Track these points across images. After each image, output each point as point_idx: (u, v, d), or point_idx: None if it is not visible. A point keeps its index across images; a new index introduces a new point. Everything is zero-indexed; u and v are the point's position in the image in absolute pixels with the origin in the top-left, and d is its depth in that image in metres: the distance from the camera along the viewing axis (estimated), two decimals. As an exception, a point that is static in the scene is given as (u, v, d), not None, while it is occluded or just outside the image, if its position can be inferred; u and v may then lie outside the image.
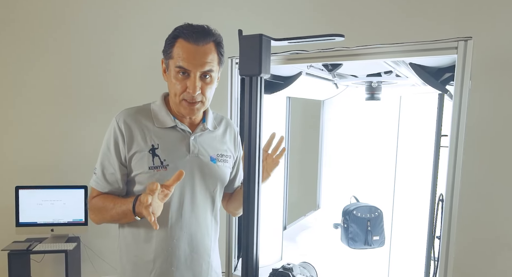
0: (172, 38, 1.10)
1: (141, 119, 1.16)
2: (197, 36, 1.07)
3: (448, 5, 2.20)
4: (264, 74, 0.86)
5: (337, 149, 2.21)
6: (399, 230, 1.39)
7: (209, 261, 1.24)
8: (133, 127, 1.14)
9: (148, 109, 1.20)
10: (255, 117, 0.89)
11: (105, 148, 1.16)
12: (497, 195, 2.19)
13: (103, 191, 1.17)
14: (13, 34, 2.70)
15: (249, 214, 0.92)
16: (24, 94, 2.74)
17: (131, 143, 1.13)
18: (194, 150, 1.18)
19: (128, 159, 1.13)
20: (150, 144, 1.13)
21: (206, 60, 1.08)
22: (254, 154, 0.90)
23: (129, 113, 1.17)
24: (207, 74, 1.10)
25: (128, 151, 1.13)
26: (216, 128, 1.26)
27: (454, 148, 0.98)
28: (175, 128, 1.18)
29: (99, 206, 1.15)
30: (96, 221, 1.19)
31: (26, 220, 2.51)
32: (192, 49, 1.07)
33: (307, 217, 2.14)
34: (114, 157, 1.14)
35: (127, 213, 1.08)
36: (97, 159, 1.19)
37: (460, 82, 0.96)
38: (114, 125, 1.15)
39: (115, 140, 1.14)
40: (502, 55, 2.10)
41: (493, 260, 2.24)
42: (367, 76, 1.60)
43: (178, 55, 1.07)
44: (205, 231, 1.21)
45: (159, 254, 1.15)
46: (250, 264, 0.95)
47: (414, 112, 1.37)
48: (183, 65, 1.07)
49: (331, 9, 2.49)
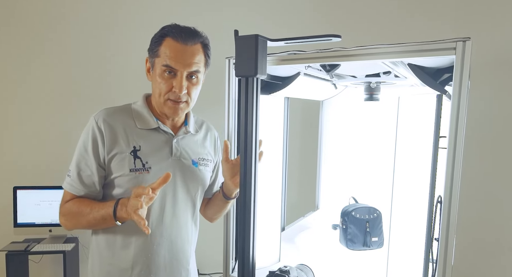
0: (160, 37, 1.08)
1: (122, 120, 1.11)
2: (185, 36, 1.06)
3: (447, 5, 2.19)
4: (260, 75, 0.86)
5: (336, 149, 2.20)
6: (397, 232, 1.39)
7: (188, 268, 1.21)
8: (114, 127, 1.09)
9: (129, 109, 1.16)
10: (251, 118, 0.88)
11: (81, 149, 1.10)
12: (496, 196, 2.18)
13: (79, 194, 1.10)
14: (12, 34, 2.70)
15: (245, 216, 0.91)
16: (23, 94, 2.74)
17: (111, 143, 1.08)
18: (176, 153, 1.15)
19: (108, 161, 1.08)
20: (132, 146, 1.09)
21: (194, 61, 1.07)
22: (250, 156, 0.89)
23: (109, 113, 1.12)
24: (193, 74, 1.09)
25: (108, 152, 1.07)
26: (198, 132, 1.25)
27: (452, 149, 0.97)
28: (158, 130, 1.15)
29: (73, 211, 1.08)
30: (68, 226, 1.12)
31: (24, 221, 2.51)
32: (180, 48, 1.06)
33: (305, 218, 2.13)
34: (92, 158, 1.08)
35: (106, 218, 1.03)
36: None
37: (459, 83, 0.95)
38: (93, 125, 1.09)
39: (93, 140, 1.08)
40: (501, 56, 2.09)
41: (493, 262, 2.24)
42: (366, 76, 1.59)
43: (166, 54, 1.06)
44: (185, 236, 1.19)
45: (138, 261, 1.10)
46: (246, 266, 0.94)
47: (413, 113, 1.37)
48: (170, 64, 1.05)
49: (329, 9, 2.48)
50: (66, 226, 1.12)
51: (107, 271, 1.12)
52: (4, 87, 2.72)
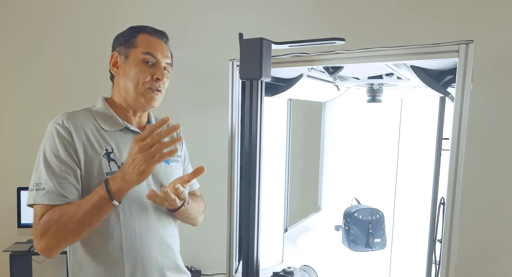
0: (134, 32, 1.14)
1: (85, 122, 1.07)
2: (159, 33, 1.16)
3: (450, 8, 2.20)
4: (264, 78, 0.86)
5: (339, 150, 2.21)
6: (400, 233, 1.39)
7: (177, 262, 1.25)
8: (79, 131, 1.03)
9: (90, 112, 1.12)
10: (255, 121, 0.89)
11: (50, 157, 1.01)
12: (499, 198, 2.18)
13: (60, 203, 0.97)
14: (12, 34, 2.71)
15: (250, 217, 0.92)
16: (27, 95, 2.75)
17: (81, 147, 1.02)
18: None
19: (81, 163, 1.02)
20: (104, 148, 1.05)
21: (168, 54, 1.16)
22: (254, 158, 0.90)
23: (70, 116, 1.06)
24: (166, 68, 1.16)
25: (79, 156, 1.02)
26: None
27: (455, 151, 0.98)
28: (125, 131, 1.13)
29: (56, 219, 0.94)
30: (52, 247, 0.96)
31: (27, 221, 2.52)
32: (156, 41, 1.14)
33: (308, 219, 2.13)
34: (68, 161, 1.00)
35: (100, 205, 0.94)
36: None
37: (462, 86, 0.96)
38: (57, 129, 1.02)
39: (63, 143, 1.01)
40: (504, 58, 2.10)
41: (495, 263, 2.23)
42: (369, 78, 1.60)
43: (145, 44, 1.12)
44: (172, 232, 1.22)
45: (130, 267, 1.08)
46: (250, 267, 0.95)
47: (416, 115, 1.37)
48: (152, 52, 1.10)
49: (333, 11, 2.48)
50: (49, 248, 0.96)
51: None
52: (7, 87, 2.74)
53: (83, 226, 0.96)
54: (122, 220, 1.07)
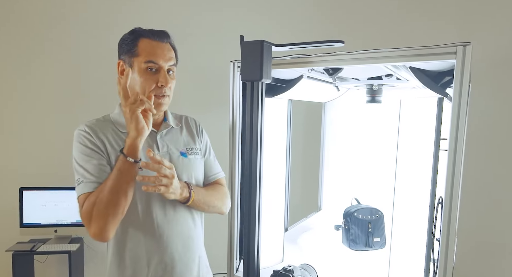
0: (134, 38, 1.15)
1: (104, 127, 1.18)
2: (158, 35, 1.16)
3: (448, 10, 2.21)
4: (265, 79, 0.88)
5: (338, 151, 2.22)
6: (399, 232, 1.40)
7: (200, 254, 1.28)
8: (99, 133, 1.15)
9: (108, 119, 1.23)
10: (256, 121, 0.91)
11: (79, 156, 1.13)
12: (496, 198, 2.20)
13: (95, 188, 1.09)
14: (12, 34, 2.72)
15: (251, 217, 0.94)
16: (29, 96, 2.76)
17: (102, 145, 1.14)
18: (163, 148, 1.21)
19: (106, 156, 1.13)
20: (121, 146, 1.11)
21: (171, 55, 1.17)
22: (255, 157, 0.91)
23: (92, 124, 1.18)
24: (170, 69, 1.18)
25: (103, 150, 1.13)
26: (178, 125, 1.30)
27: (453, 151, 0.99)
28: None
29: (93, 201, 1.04)
30: (101, 226, 1.03)
31: (30, 221, 2.54)
32: (157, 45, 1.14)
33: (308, 219, 2.15)
34: (97, 155, 1.12)
35: (121, 168, 1.02)
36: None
37: (459, 87, 0.97)
38: (79, 134, 1.15)
39: (90, 146, 1.13)
40: (502, 59, 2.11)
41: (493, 262, 2.25)
42: (368, 79, 1.61)
43: (146, 52, 1.13)
44: (191, 224, 1.24)
45: (152, 257, 1.15)
46: (251, 266, 0.97)
47: (414, 116, 1.39)
48: (153, 59, 1.12)
49: (333, 12, 2.50)
50: (100, 230, 1.03)
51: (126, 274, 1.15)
52: (10, 89, 2.75)
53: (115, 194, 1.02)
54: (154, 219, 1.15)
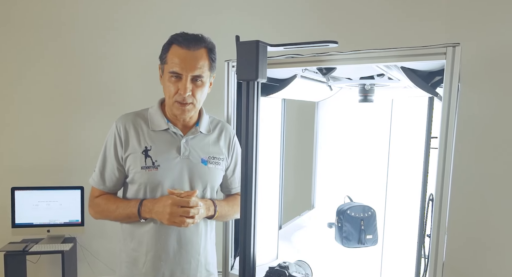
0: (167, 45, 1.20)
1: (137, 123, 1.26)
2: (189, 42, 1.17)
3: (438, 12, 2.26)
4: (260, 79, 0.89)
5: (331, 149, 2.25)
6: (391, 229, 1.43)
7: (198, 258, 1.30)
8: (129, 131, 1.25)
9: (145, 113, 1.30)
10: (252, 120, 0.92)
11: (105, 150, 1.27)
12: (485, 195, 2.24)
13: (99, 188, 1.28)
14: (12, 34, 2.70)
15: (246, 214, 0.95)
16: (21, 95, 2.74)
17: (127, 145, 1.24)
18: (184, 152, 1.25)
19: (124, 160, 1.24)
20: (144, 146, 1.23)
21: (197, 65, 1.17)
22: (251, 156, 0.93)
23: (127, 118, 1.28)
24: (197, 78, 1.19)
25: (124, 152, 1.24)
26: (211, 132, 1.32)
27: (443, 149, 1.02)
28: (168, 131, 1.26)
29: (101, 207, 1.26)
30: (95, 217, 1.30)
31: (22, 221, 2.52)
32: (184, 54, 1.16)
33: (302, 217, 2.17)
34: (113, 158, 1.25)
35: (131, 216, 1.21)
36: (92, 160, 1.31)
37: (449, 86, 1.00)
38: (114, 130, 1.26)
39: (114, 143, 1.25)
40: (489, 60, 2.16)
41: (483, 257, 2.30)
42: (361, 78, 1.63)
43: (171, 61, 1.17)
44: (194, 229, 1.27)
45: (150, 249, 1.24)
46: (247, 263, 0.98)
47: (406, 115, 1.41)
48: (175, 70, 1.17)
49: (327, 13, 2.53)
50: (93, 216, 1.29)
51: (130, 255, 1.27)
52: (3, 88, 2.72)
53: (118, 220, 1.28)
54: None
